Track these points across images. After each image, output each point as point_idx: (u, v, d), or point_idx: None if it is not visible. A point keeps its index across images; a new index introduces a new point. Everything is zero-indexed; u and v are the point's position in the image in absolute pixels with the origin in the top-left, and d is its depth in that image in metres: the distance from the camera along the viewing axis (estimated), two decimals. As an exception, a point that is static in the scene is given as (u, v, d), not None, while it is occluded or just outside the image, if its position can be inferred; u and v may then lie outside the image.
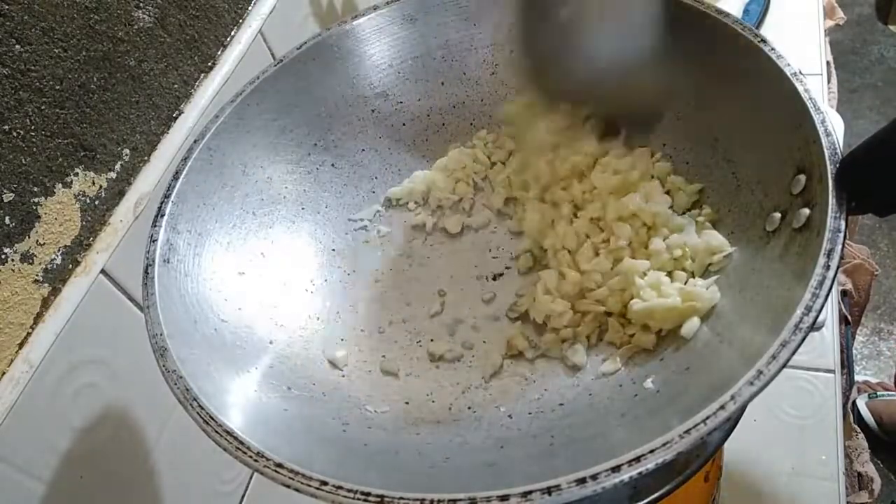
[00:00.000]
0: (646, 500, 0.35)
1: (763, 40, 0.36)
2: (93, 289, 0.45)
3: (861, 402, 1.26)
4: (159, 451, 0.52)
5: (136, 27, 0.48)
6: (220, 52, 0.57)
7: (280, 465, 0.27)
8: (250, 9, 0.61)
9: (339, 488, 0.26)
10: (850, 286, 0.80)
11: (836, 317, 0.63)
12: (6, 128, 0.39)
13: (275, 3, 0.62)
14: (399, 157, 0.51)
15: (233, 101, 0.43)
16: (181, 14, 0.52)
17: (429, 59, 0.50)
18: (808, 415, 0.57)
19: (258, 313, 0.40)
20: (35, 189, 0.41)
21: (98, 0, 0.45)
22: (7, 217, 0.40)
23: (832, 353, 0.60)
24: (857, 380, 1.31)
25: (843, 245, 0.28)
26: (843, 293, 0.79)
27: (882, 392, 1.27)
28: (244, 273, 0.41)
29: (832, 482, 0.54)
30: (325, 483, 0.26)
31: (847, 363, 0.74)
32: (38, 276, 0.42)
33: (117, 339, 0.47)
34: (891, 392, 1.27)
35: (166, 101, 0.52)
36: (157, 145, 0.51)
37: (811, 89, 0.33)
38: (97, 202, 0.46)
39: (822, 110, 0.32)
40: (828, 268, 0.28)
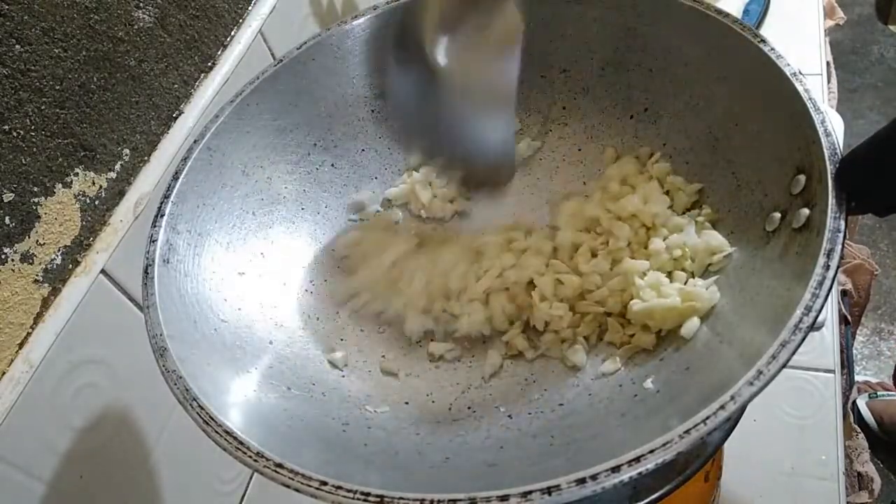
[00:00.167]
0: (646, 501, 0.35)
1: (763, 40, 0.36)
2: (93, 289, 0.45)
3: (861, 402, 1.26)
4: (159, 451, 0.52)
5: (136, 27, 0.48)
6: (220, 53, 0.57)
7: (280, 465, 0.27)
8: (250, 9, 0.61)
9: (338, 488, 0.26)
10: (850, 286, 0.80)
11: (836, 317, 0.63)
12: (6, 128, 0.39)
13: (275, 3, 0.62)
14: (399, 157, 0.51)
15: (233, 101, 0.43)
16: (181, 14, 0.52)
17: (429, 58, 0.50)
18: (807, 415, 0.57)
19: (258, 313, 0.40)
20: (35, 189, 0.41)
21: (98, 0, 0.45)
22: (7, 217, 0.40)
23: (832, 353, 0.60)
24: (857, 380, 1.31)
25: (843, 245, 0.28)
26: (843, 293, 0.79)
27: (882, 392, 1.27)
28: (244, 273, 0.41)
29: (832, 482, 0.54)
30: (324, 483, 0.26)
31: (847, 363, 0.74)
32: (38, 276, 0.42)
33: (117, 339, 0.47)
34: (891, 392, 1.27)
35: (166, 101, 0.52)
36: (157, 145, 0.51)
37: (811, 89, 0.33)
38: (97, 202, 0.46)
39: (822, 110, 0.32)
40: (828, 268, 0.28)
